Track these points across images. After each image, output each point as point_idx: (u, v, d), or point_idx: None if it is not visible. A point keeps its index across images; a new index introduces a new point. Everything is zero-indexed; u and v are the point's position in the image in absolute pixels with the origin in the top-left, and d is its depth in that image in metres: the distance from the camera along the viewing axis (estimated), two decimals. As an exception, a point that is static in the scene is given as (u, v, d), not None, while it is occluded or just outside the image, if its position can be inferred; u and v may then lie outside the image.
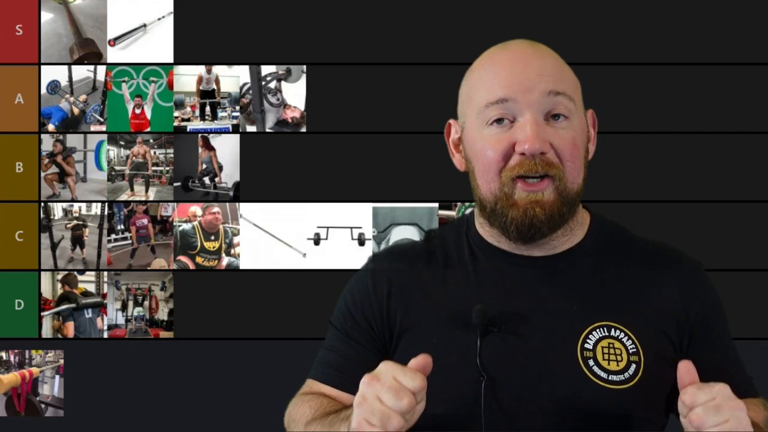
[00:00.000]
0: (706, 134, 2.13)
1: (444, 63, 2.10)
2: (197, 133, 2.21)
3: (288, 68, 2.19)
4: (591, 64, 2.13)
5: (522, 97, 1.16)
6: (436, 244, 1.28)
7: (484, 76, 1.20)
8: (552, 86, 1.17)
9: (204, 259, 2.19)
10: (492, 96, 1.18)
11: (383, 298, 1.24)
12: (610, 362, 1.15)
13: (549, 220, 1.17)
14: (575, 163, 1.18)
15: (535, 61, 1.19)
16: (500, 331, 1.16)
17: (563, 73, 1.20)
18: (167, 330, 2.17)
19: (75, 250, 2.19)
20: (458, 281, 1.22)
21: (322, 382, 1.26)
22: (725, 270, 2.08)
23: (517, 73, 1.18)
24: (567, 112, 1.18)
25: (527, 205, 1.16)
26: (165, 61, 2.20)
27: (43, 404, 2.15)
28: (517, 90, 1.17)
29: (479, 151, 1.19)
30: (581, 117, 1.21)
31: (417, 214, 2.17)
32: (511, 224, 1.17)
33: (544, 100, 1.17)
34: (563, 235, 1.22)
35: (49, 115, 2.19)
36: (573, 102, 1.19)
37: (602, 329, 1.17)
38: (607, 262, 1.22)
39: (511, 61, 1.19)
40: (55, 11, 2.20)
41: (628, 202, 2.09)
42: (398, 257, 1.28)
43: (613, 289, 1.20)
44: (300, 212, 2.17)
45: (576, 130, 1.19)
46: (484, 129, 1.19)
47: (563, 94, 1.18)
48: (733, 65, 2.13)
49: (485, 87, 1.19)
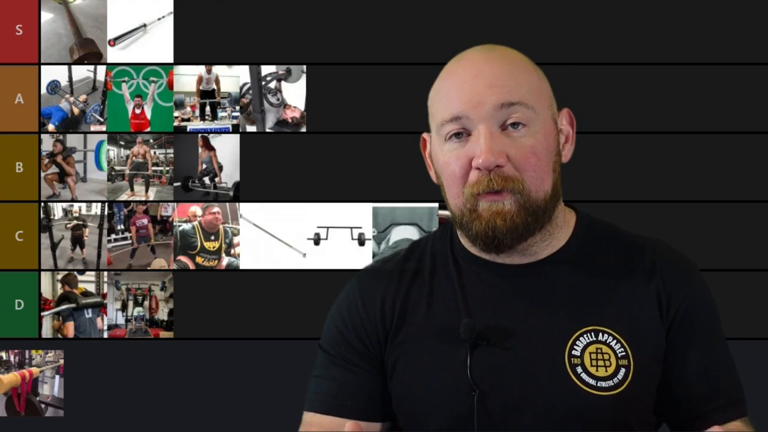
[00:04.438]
0: (703, 134, 2.13)
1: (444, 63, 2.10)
2: (197, 133, 2.21)
3: (288, 68, 2.19)
4: (586, 65, 2.13)
5: (473, 113, 1.15)
6: (422, 256, 1.26)
7: (441, 92, 1.20)
8: (504, 98, 1.15)
9: (204, 259, 2.19)
10: (447, 113, 1.17)
11: (376, 317, 1.22)
12: (599, 368, 1.14)
13: (511, 232, 1.15)
14: (537, 172, 1.15)
15: (486, 72, 1.16)
16: (489, 344, 1.15)
17: (517, 81, 1.17)
18: (167, 330, 2.17)
19: (75, 250, 2.19)
20: (445, 294, 1.21)
21: (322, 413, 1.21)
22: (723, 270, 2.08)
23: (468, 87, 1.16)
24: (524, 120, 1.15)
25: (489, 217, 1.15)
26: (165, 61, 2.20)
27: (43, 404, 2.15)
28: (468, 105, 1.15)
29: (442, 166, 1.19)
30: (545, 121, 1.18)
31: (417, 214, 2.17)
32: (476, 236, 1.17)
33: (497, 112, 1.14)
34: (542, 241, 1.20)
35: (49, 115, 2.19)
36: (531, 109, 1.16)
37: (590, 334, 1.16)
38: (593, 264, 1.20)
39: (463, 75, 1.18)
40: (55, 11, 2.20)
41: (624, 203, 2.09)
42: (385, 275, 1.26)
43: (599, 292, 1.18)
44: (300, 212, 2.17)
45: (536, 136, 1.16)
46: (444, 144, 1.18)
47: (518, 103, 1.15)
48: (731, 65, 2.13)
49: (441, 103, 1.19)
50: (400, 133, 2.14)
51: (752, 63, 2.13)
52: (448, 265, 1.23)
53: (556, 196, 1.20)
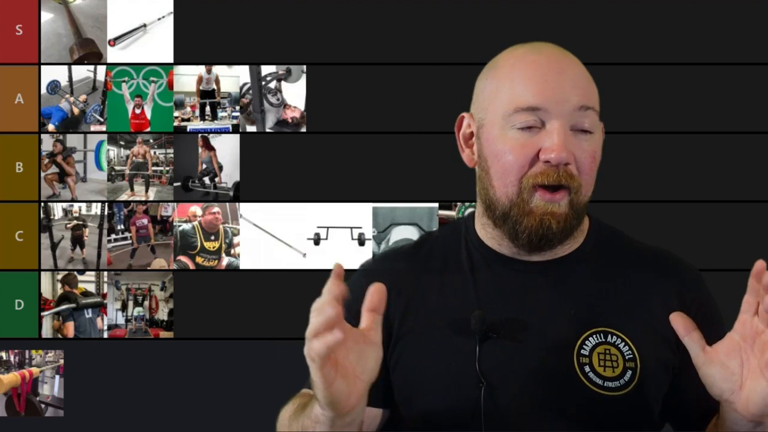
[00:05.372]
0: (703, 134, 2.13)
1: (444, 63, 2.10)
2: (197, 133, 2.21)
3: (288, 68, 2.19)
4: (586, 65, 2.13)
5: (554, 108, 1.15)
6: (433, 247, 1.27)
7: (515, 78, 1.18)
8: (584, 101, 1.16)
9: (204, 259, 2.19)
10: (523, 101, 1.16)
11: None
12: (606, 368, 1.15)
13: (562, 233, 1.17)
14: (591, 177, 1.19)
15: (569, 71, 1.18)
16: (499, 337, 1.16)
17: (591, 86, 1.19)
18: (167, 330, 2.17)
19: (75, 250, 2.19)
20: (456, 286, 1.22)
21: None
22: (723, 270, 2.08)
23: (551, 81, 1.16)
24: (592, 127, 1.18)
25: (543, 216, 1.16)
26: (165, 61, 2.20)
27: (43, 404, 2.15)
28: (550, 99, 1.15)
29: (499, 153, 1.17)
30: (600, 130, 1.21)
31: (417, 214, 2.17)
32: (523, 232, 1.17)
33: (575, 113, 1.16)
34: (566, 243, 1.21)
35: (49, 115, 2.19)
36: (597, 116, 1.19)
37: (599, 335, 1.17)
38: (604, 268, 1.22)
39: (545, 68, 1.17)
40: (55, 11, 2.20)
41: (624, 203, 2.09)
42: (394, 261, 1.27)
43: (610, 295, 1.19)
44: (300, 212, 2.17)
45: (596, 143, 1.19)
46: (509, 131, 1.17)
47: (592, 108, 1.17)
48: (731, 65, 2.13)
49: (516, 90, 1.17)
50: (400, 133, 2.14)
51: (752, 63, 2.13)
52: (461, 257, 1.24)
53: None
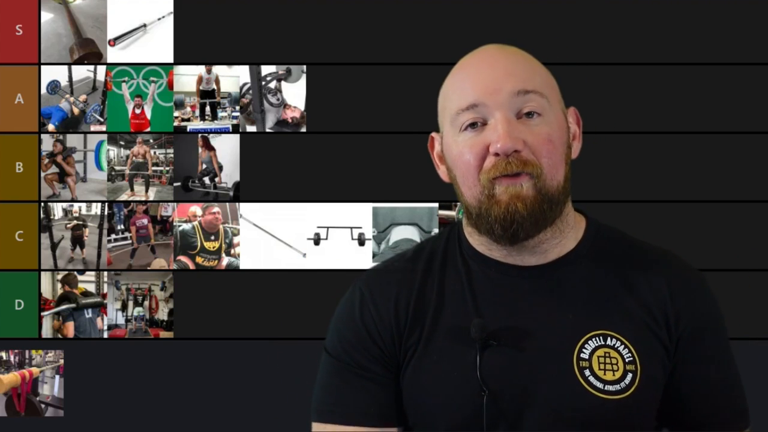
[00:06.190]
0: (703, 134, 2.14)
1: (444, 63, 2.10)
2: (197, 133, 2.21)
3: (288, 68, 2.19)
4: (587, 65, 2.13)
5: (491, 99, 1.15)
6: (430, 257, 1.26)
7: (455, 84, 1.20)
8: (520, 85, 1.16)
9: (204, 259, 2.19)
10: (463, 102, 1.17)
11: (390, 318, 1.20)
12: (606, 372, 1.15)
13: (531, 216, 1.15)
14: (552, 159, 1.16)
15: (502, 61, 1.18)
16: (499, 344, 1.15)
17: (533, 71, 1.19)
18: (167, 330, 2.17)
19: (75, 250, 2.19)
20: (455, 294, 1.21)
21: (342, 424, 1.19)
22: (723, 270, 2.08)
23: (484, 75, 1.17)
24: (539, 109, 1.16)
25: (509, 201, 1.14)
26: (165, 61, 2.20)
27: (43, 404, 2.15)
28: (485, 92, 1.16)
29: (456, 158, 1.18)
30: (558, 114, 1.19)
31: (417, 214, 2.17)
32: (495, 222, 1.16)
33: (514, 99, 1.15)
34: (553, 238, 1.20)
35: (49, 115, 2.19)
36: (546, 99, 1.17)
37: (598, 338, 1.16)
38: (602, 269, 1.20)
39: (479, 66, 1.19)
40: (55, 11, 2.20)
41: (624, 203, 2.09)
42: (394, 275, 1.25)
43: (608, 297, 1.19)
44: (300, 212, 2.17)
45: (551, 125, 1.17)
46: (459, 135, 1.18)
47: (533, 91, 1.16)
48: (731, 65, 2.13)
49: (456, 94, 1.19)
50: (400, 133, 2.14)
51: (752, 63, 2.13)
52: (458, 266, 1.23)
53: (567, 190, 1.20)
